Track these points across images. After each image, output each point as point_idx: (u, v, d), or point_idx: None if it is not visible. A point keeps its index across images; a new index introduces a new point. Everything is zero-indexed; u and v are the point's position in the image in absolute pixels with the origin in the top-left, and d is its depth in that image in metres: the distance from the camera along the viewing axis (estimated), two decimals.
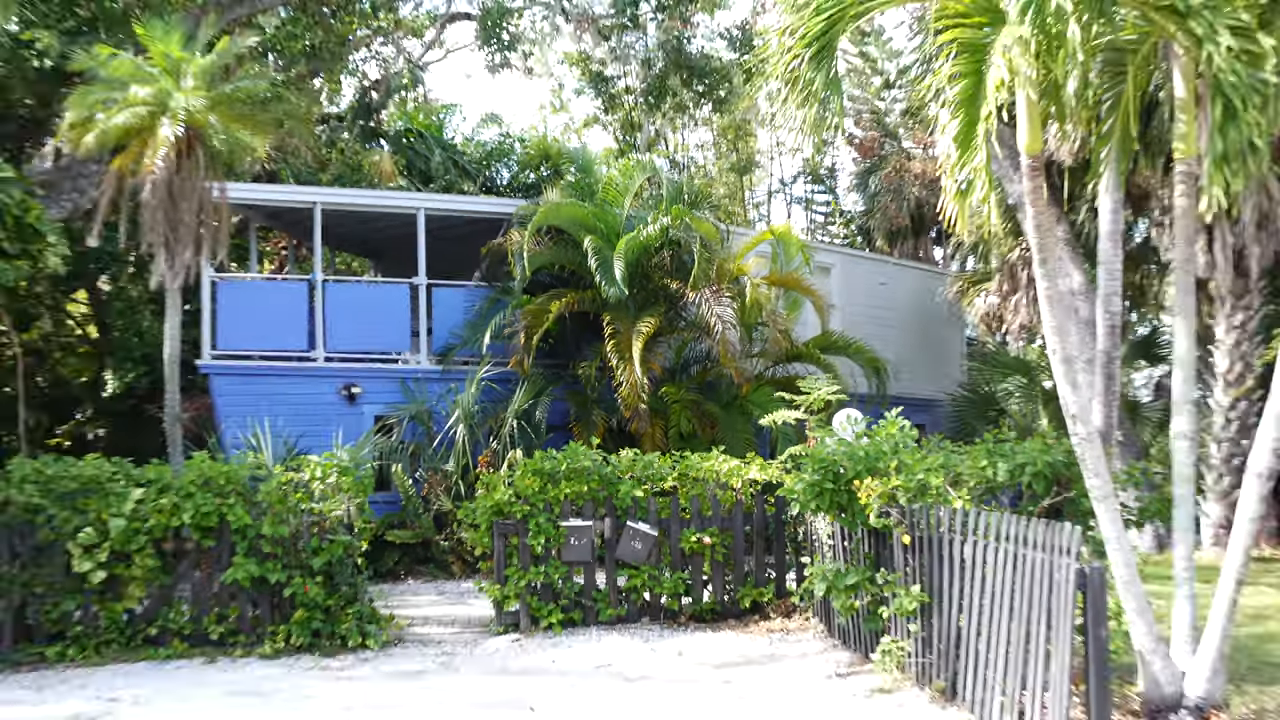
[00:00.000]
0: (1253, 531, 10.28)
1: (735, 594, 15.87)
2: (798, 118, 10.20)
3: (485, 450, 20.48)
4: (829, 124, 10.37)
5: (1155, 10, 9.51)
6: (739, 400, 21.32)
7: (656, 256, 21.99)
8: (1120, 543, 10.16)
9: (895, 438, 13.08)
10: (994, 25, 9.12)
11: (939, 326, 31.18)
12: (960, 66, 9.46)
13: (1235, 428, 21.91)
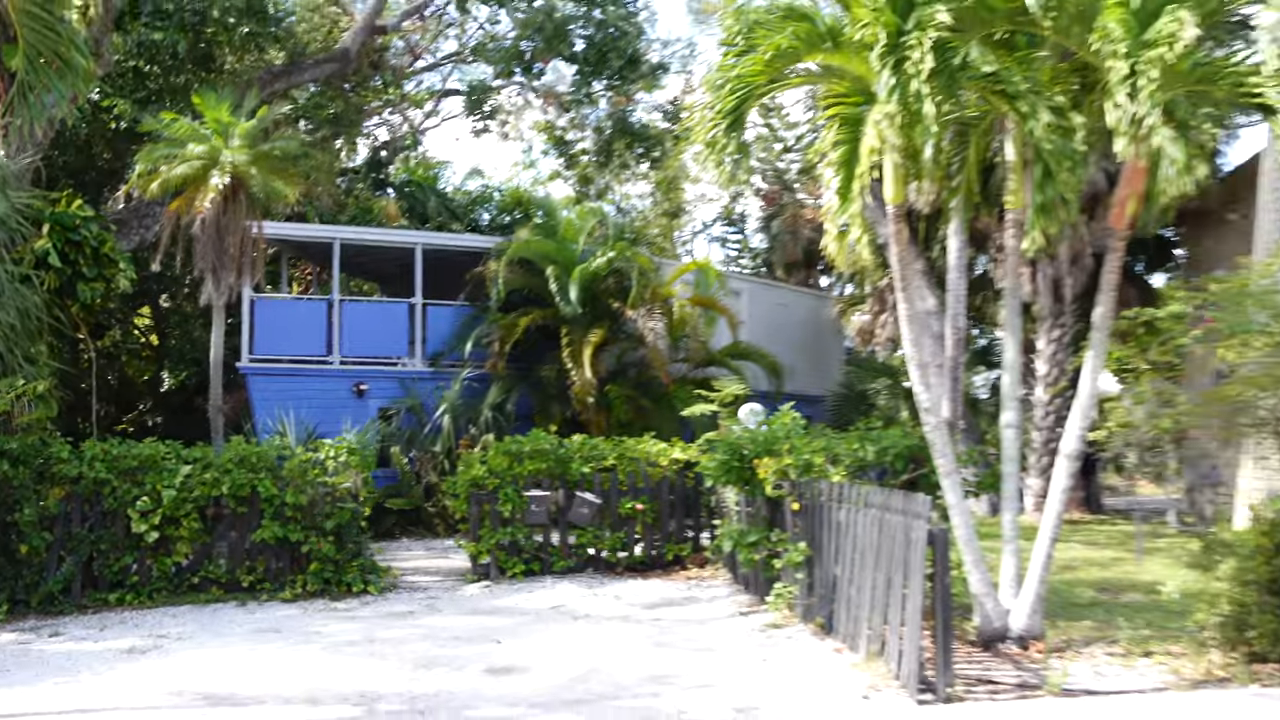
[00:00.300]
0: (1064, 500, 10.34)
1: (661, 549, 15.78)
2: (715, 174, 10.13)
3: (466, 435, 20.46)
4: (740, 179, 10.32)
5: (991, 93, 9.52)
6: (667, 396, 21.26)
7: (604, 282, 21.96)
8: (961, 509, 10.17)
9: (788, 426, 13.05)
10: (867, 103, 9.09)
11: (824, 339, 31.27)
12: (840, 136, 9.43)
13: (1051, 419, 22.07)
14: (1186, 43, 8.18)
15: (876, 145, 8.75)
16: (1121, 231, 9.67)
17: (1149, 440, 14.57)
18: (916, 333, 10.29)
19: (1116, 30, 8.43)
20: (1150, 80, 8.15)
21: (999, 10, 9.15)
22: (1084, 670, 9.54)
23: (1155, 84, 8.17)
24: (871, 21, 8.74)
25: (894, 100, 8.48)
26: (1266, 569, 9.49)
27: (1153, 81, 8.14)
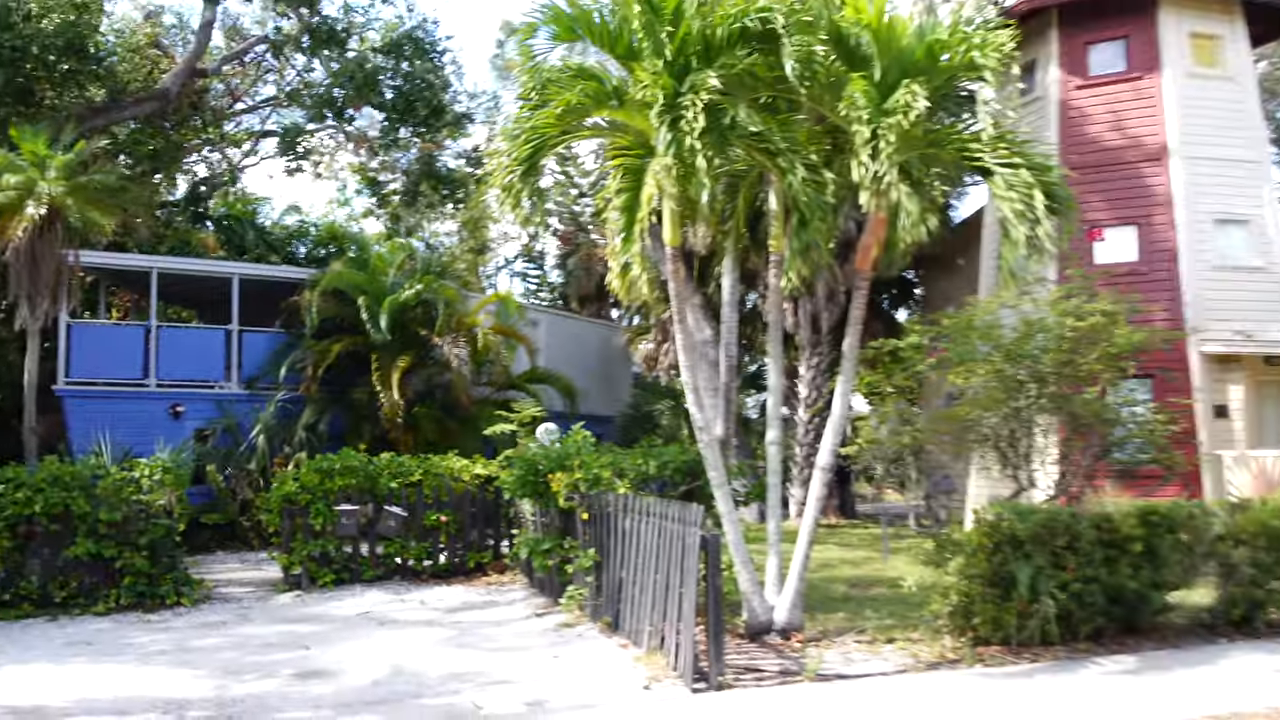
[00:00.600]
0: (820, 507, 10.70)
1: (464, 557, 15.57)
2: (513, 216, 10.11)
3: (280, 454, 19.74)
4: (535, 220, 10.34)
5: (756, 151, 9.83)
6: (471, 417, 21.03)
7: (413, 312, 21.61)
8: (731, 517, 10.41)
9: (579, 444, 13.08)
10: (648, 156, 9.25)
11: (614, 365, 31.54)
12: (623, 184, 9.57)
13: (811, 436, 22.85)
14: (918, 112, 8.65)
15: (655, 193, 8.92)
16: (866, 273, 10.11)
17: (893, 454, 15.28)
18: (692, 360, 10.48)
19: (861, 99, 8.85)
20: (889, 143, 8.58)
21: (762, 78, 9.47)
22: (837, 657, 9.88)
23: (893, 147, 8.61)
24: (651, 84, 8.92)
25: (670, 154, 8.66)
26: (987, 565, 10.02)
27: (890, 145, 8.57)
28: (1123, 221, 19.29)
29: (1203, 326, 18.36)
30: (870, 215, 9.78)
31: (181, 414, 20.41)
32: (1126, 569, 10.16)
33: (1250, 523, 10.71)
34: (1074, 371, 14.97)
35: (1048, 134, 19.83)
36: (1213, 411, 18.34)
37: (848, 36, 9.45)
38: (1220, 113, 19.39)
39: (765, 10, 9.13)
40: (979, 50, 8.81)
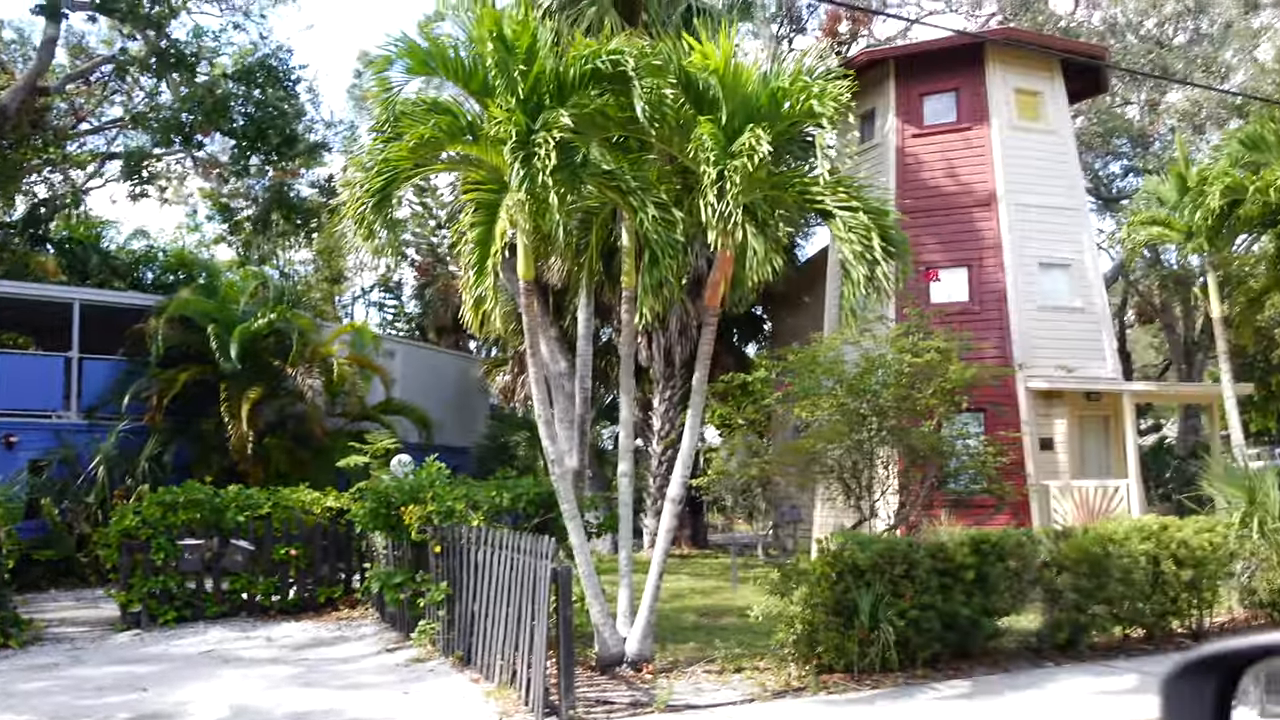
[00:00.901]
0: (670, 538, 10.71)
1: (314, 592, 15.08)
2: (366, 247, 9.89)
3: (121, 486, 18.80)
4: (388, 251, 10.14)
5: (608, 188, 9.86)
6: (324, 448, 20.47)
7: (265, 341, 20.97)
8: (582, 549, 10.33)
9: (433, 475, 12.83)
10: (501, 191, 9.17)
11: (471, 396, 31.22)
12: (476, 218, 9.48)
13: (665, 468, 22.89)
14: (762, 155, 8.81)
15: (508, 227, 8.85)
16: (715, 309, 10.22)
17: (741, 485, 15.48)
18: (544, 392, 10.41)
19: (708, 142, 8.97)
20: (734, 185, 8.71)
21: (614, 118, 9.52)
22: (687, 687, 9.87)
23: (739, 188, 8.74)
24: (505, 120, 8.87)
25: (524, 189, 8.61)
26: (830, 593, 10.19)
27: (736, 186, 8.70)
28: (956, 263, 20.08)
29: (1030, 363, 19.21)
30: (718, 254, 9.91)
31: (14, 444, 19.27)
32: (960, 596, 10.46)
33: (1073, 550, 11.16)
34: (912, 406, 15.46)
35: (886, 179, 20.54)
36: (1039, 444, 19.15)
37: (696, 81, 9.59)
38: (1043, 163, 20.41)
39: (616, 53, 9.20)
40: (818, 99, 9.04)
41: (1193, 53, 27.84)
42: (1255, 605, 12.58)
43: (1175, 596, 11.67)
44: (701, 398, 10.50)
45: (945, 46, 20.91)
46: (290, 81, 27.55)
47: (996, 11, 28.86)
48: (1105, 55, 22.32)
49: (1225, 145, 14.62)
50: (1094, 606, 11.20)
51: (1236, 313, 16.69)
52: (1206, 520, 12.12)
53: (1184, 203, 14.42)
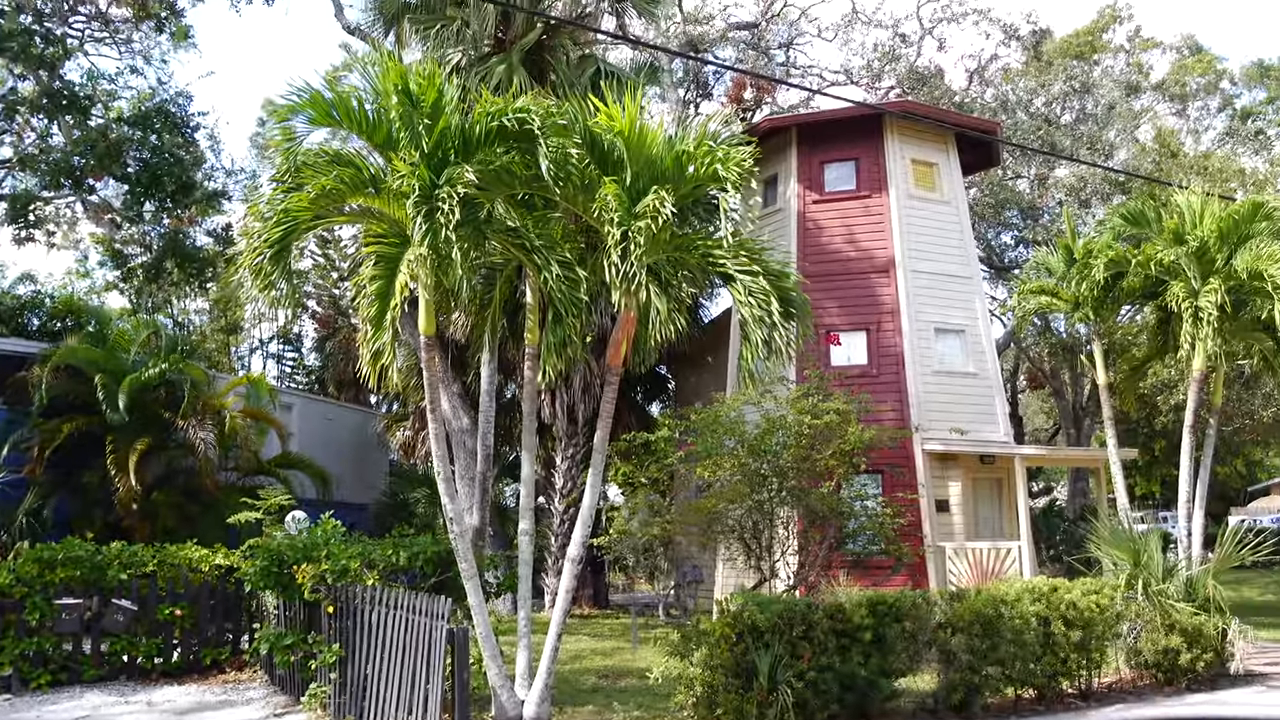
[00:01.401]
0: (569, 598, 10.53)
1: (200, 654, 14.47)
2: (262, 298, 9.65)
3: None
4: (284, 303, 9.92)
5: (512, 245, 9.82)
6: (215, 503, 19.86)
7: (155, 392, 20.33)
8: (480, 609, 10.11)
9: (328, 533, 12.50)
10: (404, 244, 9.07)
11: (371, 451, 30.64)
12: (378, 271, 9.35)
13: (566, 527, 22.66)
14: (666, 217, 8.88)
15: (409, 281, 8.74)
16: (617, 368, 10.20)
17: (643, 544, 15.40)
18: (444, 449, 10.22)
19: (612, 202, 9.01)
20: (638, 245, 8.75)
21: (519, 175, 9.51)
22: None
23: (642, 249, 8.79)
24: (409, 174, 8.79)
25: (426, 244, 8.52)
26: (729, 655, 10.14)
27: (640, 247, 8.75)
28: (855, 327, 20.46)
29: (926, 426, 19.57)
30: (621, 313, 9.91)
31: None
32: (858, 657, 10.51)
33: (966, 611, 11.30)
34: (811, 466, 15.63)
35: (788, 243, 20.92)
36: (935, 506, 19.47)
37: (602, 142, 9.64)
38: (938, 231, 21.02)
39: (523, 111, 9.21)
40: (722, 163, 9.16)
41: (1079, 131, 29.08)
42: (1141, 666, 12.88)
43: (1065, 657, 11.88)
44: (602, 456, 10.43)
45: (846, 116, 21.51)
46: (188, 128, 27.00)
47: (895, 85, 29.83)
48: (997, 130, 23.20)
49: (1109, 220, 15.24)
50: (987, 667, 11.32)
51: (1120, 380, 17.29)
52: (1094, 582, 12.42)
53: (1070, 274, 14.93)
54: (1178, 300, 13.43)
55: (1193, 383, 14.03)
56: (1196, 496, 14.90)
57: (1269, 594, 26.54)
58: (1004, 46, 30.37)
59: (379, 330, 9.02)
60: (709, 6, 31.92)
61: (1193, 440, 14.20)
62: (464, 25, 18.62)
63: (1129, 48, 32.67)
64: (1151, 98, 32.14)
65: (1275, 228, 13.60)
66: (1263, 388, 20.51)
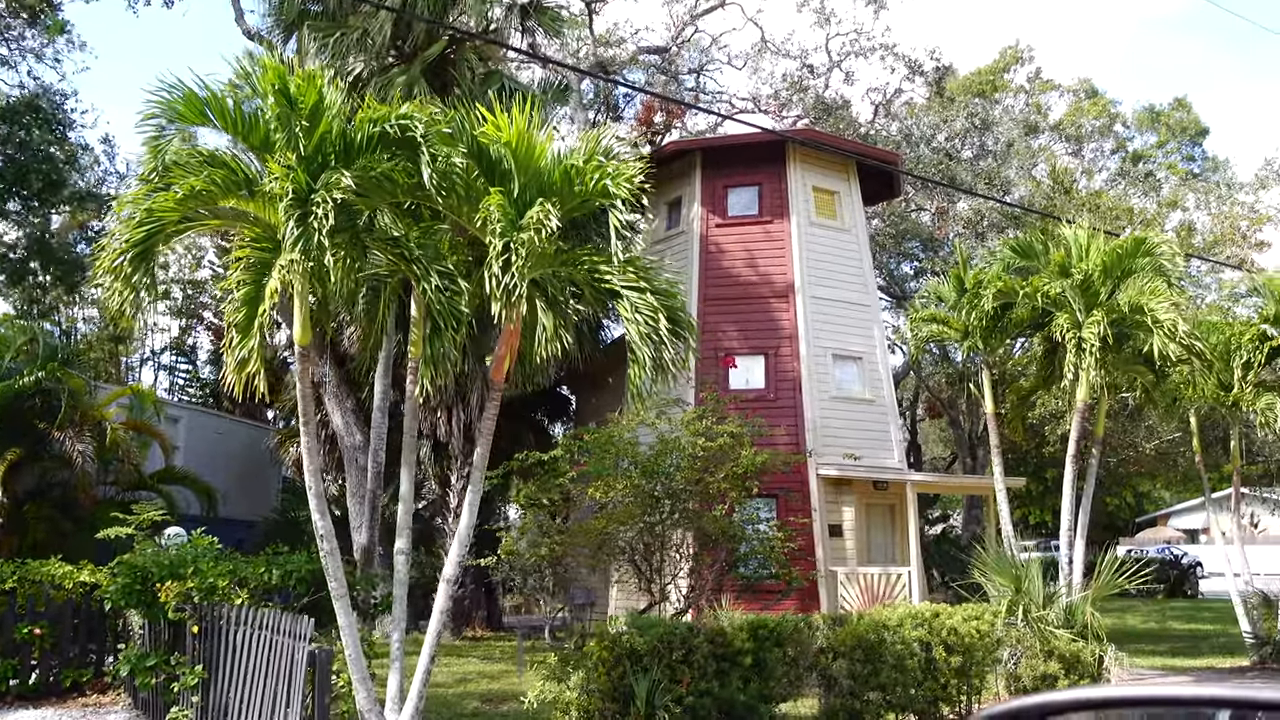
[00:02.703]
0: (443, 621, 10.22)
1: (60, 675, 13.76)
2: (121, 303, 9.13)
3: None
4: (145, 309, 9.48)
5: (393, 255, 9.53)
6: (90, 519, 19.00)
7: (29, 401, 19.41)
8: (350, 630, 9.71)
9: (198, 550, 11.98)
10: (276, 250, 8.70)
11: (264, 467, 29.75)
12: (247, 275, 8.97)
13: None
14: (550, 230, 8.68)
15: (278, 287, 8.39)
16: (500, 384, 9.94)
17: (531, 565, 15.09)
18: (316, 464, 9.84)
19: (495, 213, 8.79)
20: (519, 257, 8.53)
21: (402, 184, 9.23)
22: None
23: (523, 261, 8.57)
24: (283, 177, 8.46)
25: (298, 250, 8.19)
26: (607, 679, 9.91)
27: (521, 259, 8.52)
28: (755, 351, 20.47)
29: (821, 451, 19.63)
30: (503, 327, 9.67)
31: None
32: (737, 682, 10.36)
33: (849, 636, 11.25)
34: (704, 489, 15.51)
35: (690, 266, 20.89)
36: (828, 530, 19.51)
37: (490, 153, 9.43)
38: (838, 259, 21.18)
39: (406, 118, 8.95)
40: (611, 179, 9.00)
41: (979, 166, 29.71)
42: (1021, 691, 12.95)
43: (946, 683, 11.90)
44: (481, 474, 10.15)
45: (749, 142, 21.62)
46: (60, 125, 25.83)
47: (802, 114, 30.16)
48: (897, 161, 23.53)
49: (1000, 251, 15.46)
50: (869, 693, 11.28)
51: (1009, 410, 17.54)
52: (975, 608, 12.48)
53: (961, 303, 15.11)
54: (1062, 331, 13.64)
55: (1076, 413, 14.26)
56: (1079, 525, 15.13)
57: (1150, 621, 27.19)
58: (908, 81, 30.95)
59: (245, 338, 8.64)
60: (621, 30, 32.00)
61: (1075, 470, 14.43)
62: (364, 34, 18.26)
63: (1029, 88, 33.56)
64: (1049, 137, 33.01)
65: (1157, 264, 13.93)
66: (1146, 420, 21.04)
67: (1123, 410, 22.59)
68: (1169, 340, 13.06)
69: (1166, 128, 33.91)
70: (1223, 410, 16.57)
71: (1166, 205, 27.34)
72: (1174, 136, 33.79)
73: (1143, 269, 14.05)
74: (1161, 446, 24.26)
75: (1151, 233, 13.99)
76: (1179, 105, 34.31)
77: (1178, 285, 14.01)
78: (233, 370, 8.81)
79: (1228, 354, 16.27)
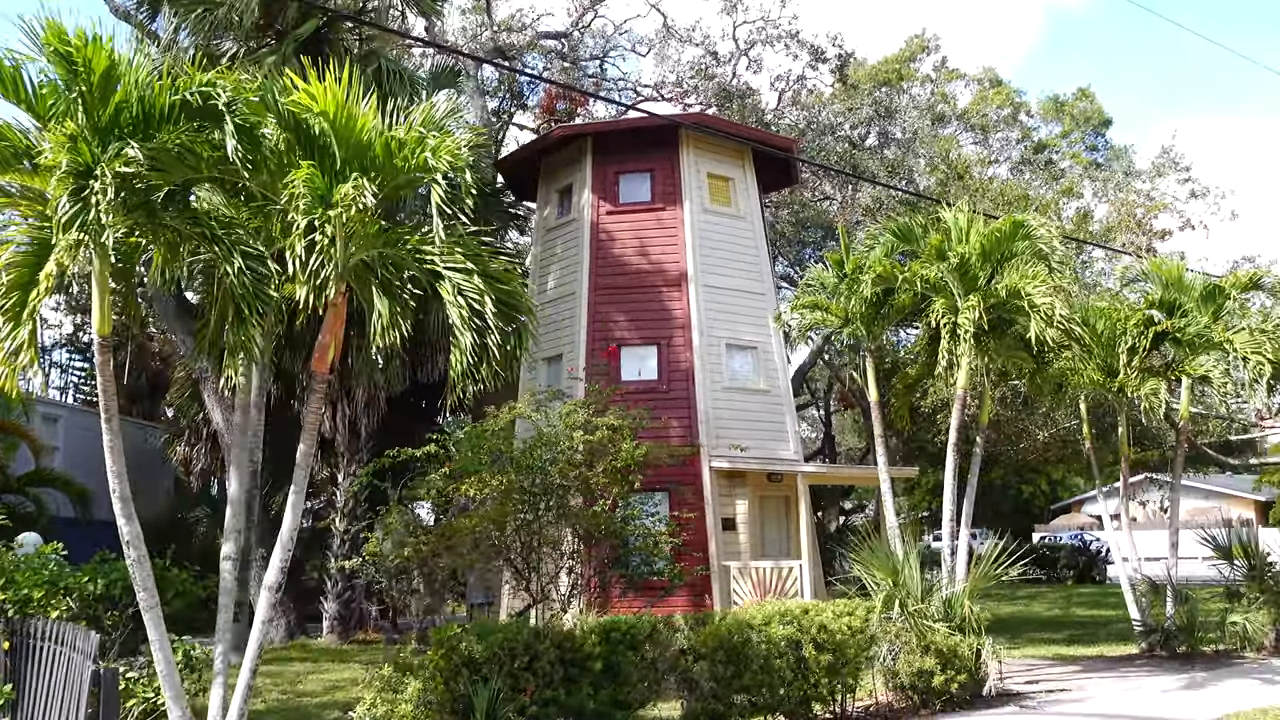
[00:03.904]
0: (264, 630, 9.44)
1: None
2: None
3: None
4: None
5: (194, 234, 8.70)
6: None
7: None
8: (162, 643, 8.91)
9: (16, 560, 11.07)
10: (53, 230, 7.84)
11: (153, 468, 28.43)
12: (19, 258, 8.12)
13: (347, 548, 21.32)
14: (364, 207, 7.97)
15: (54, 270, 7.57)
16: (322, 374, 9.18)
17: (395, 567, 14.34)
18: (121, 464, 9.04)
19: (301, 188, 8.05)
20: (327, 237, 7.81)
21: (206, 158, 8.44)
22: None
23: (332, 242, 7.84)
24: (58, 148, 7.64)
25: (76, 229, 7.38)
26: (445, 690, 9.24)
27: (328, 239, 7.80)
28: (647, 341, 19.86)
29: (714, 443, 19.08)
30: (327, 314, 8.94)
31: None
32: (588, 688, 9.75)
33: (710, 637, 10.69)
34: (584, 484, 14.86)
35: (581, 254, 20.23)
36: (721, 524, 18.98)
37: (308, 125, 8.66)
38: (732, 247, 20.64)
39: (208, 85, 8.18)
40: (432, 152, 8.30)
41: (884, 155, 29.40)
42: (899, 688, 12.51)
43: (817, 681, 11.38)
44: (305, 472, 9.36)
45: (641, 126, 20.99)
46: None
47: (705, 102, 29.62)
48: (793, 147, 23.05)
49: (881, 235, 14.99)
50: (734, 695, 10.73)
51: (895, 398, 17.17)
52: (847, 604, 11.98)
53: (841, 289, 14.62)
54: (938, 316, 13.21)
55: (956, 401, 13.85)
56: (963, 514, 14.77)
57: (1055, 608, 27.14)
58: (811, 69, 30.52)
59: (16, 327, 7.80)
60: (524, 16, 31.18)
61: (956, 458, 14.02)
62: (230, 10, 17.32)
63: (934, 77, 33.35)
64: (956, 126, 32.86)
65: (1036, 248, 13.55)
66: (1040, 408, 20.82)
67: (1016, 398, 22.39)
68: (1046, 325, 12.68)
69: (1070, 118, 33.95)
70: (1109, 396, 16.33)
71: (1063, 193, 27.23)
72: (1078, 126, 33.82)
73: (1023, 253, 13.68)
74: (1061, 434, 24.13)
75: (1030, 216, 13.59)
76: (1082, 95, 34.38)
77: (1059, 270, 13.62)
78: (2, 362, 7.95)
79: (1114, 340, 16.02)
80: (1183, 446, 17.17)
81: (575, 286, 20.31)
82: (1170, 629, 16.39)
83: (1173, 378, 16.18)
